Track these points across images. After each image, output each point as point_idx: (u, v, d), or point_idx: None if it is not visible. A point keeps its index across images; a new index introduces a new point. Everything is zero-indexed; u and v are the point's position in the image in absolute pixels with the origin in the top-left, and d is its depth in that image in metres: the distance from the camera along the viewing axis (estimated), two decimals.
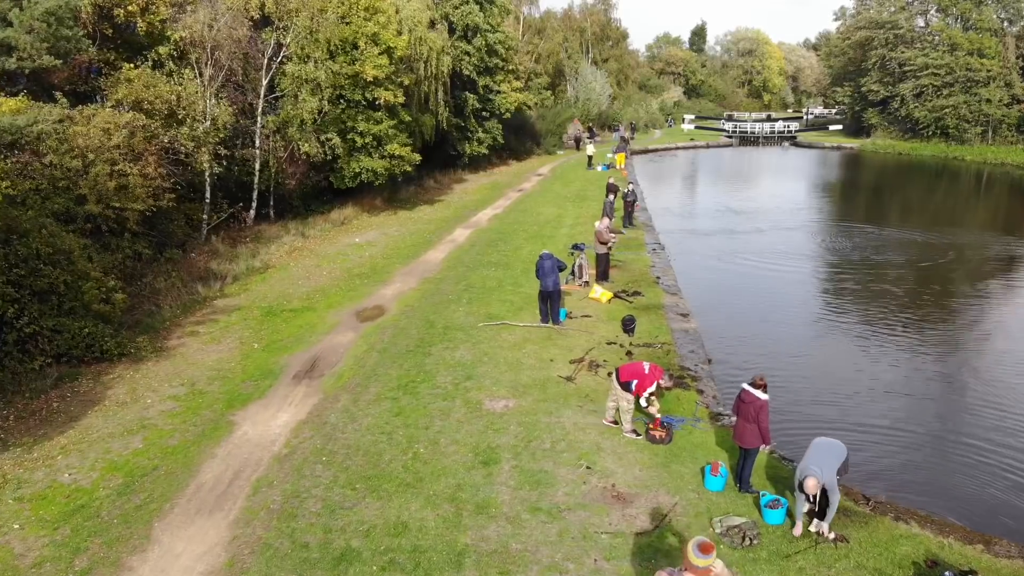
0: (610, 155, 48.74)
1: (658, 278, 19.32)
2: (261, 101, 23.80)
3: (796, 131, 74.31)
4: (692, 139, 70.18)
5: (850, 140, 66.03)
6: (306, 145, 23.69)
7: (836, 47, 78.15)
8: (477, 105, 41.25)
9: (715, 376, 13.48)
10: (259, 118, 23.76)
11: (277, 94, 24.32)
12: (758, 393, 8.89)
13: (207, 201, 21.70)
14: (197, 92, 19.70)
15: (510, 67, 44.17)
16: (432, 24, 36.65)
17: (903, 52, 61.04)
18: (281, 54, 24.02)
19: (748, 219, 32.23)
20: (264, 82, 23.80)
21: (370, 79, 26.19)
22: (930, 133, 59.62)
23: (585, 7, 75.27)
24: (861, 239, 27.49)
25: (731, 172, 54.85)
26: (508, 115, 44.21)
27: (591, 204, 31.45)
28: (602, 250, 18.55)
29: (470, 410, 11.43)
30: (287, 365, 13.65)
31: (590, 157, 45.95)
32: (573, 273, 18.72)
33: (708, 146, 68.62)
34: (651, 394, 10.40)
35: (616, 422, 10.80)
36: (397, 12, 30.67)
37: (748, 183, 47.54)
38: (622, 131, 68.93)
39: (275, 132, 24.41)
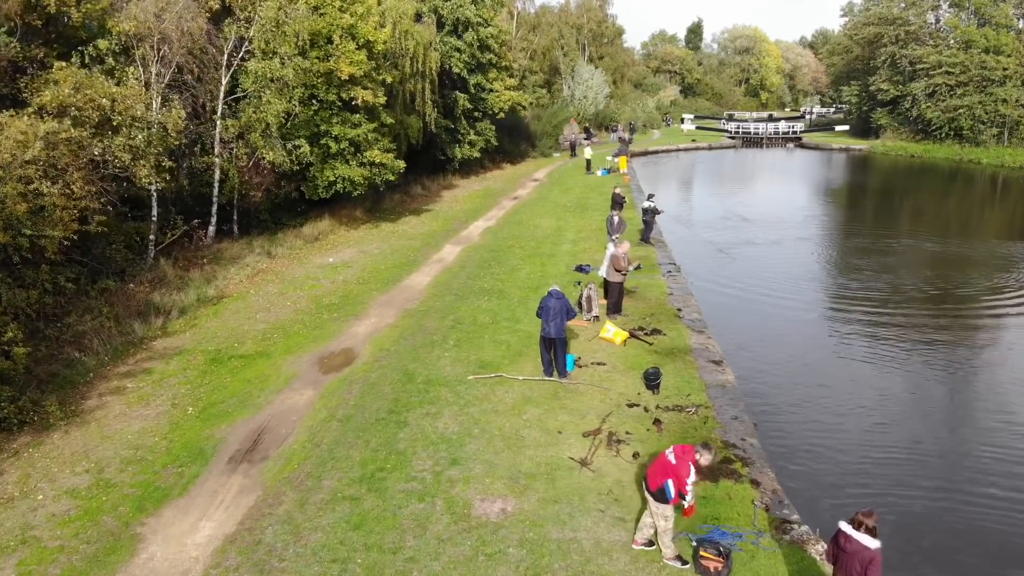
0: (610, 158, 45.91)
1: (679, 310, 16.50)
2: (220, 103, 20.86)
3: (801, 132, 71.62)
4: (693, 140, 67.46)
5: (858, 141, 63.41)
6: (270, 153, 20.75)
7: (839, 44, 75.76)
8: (468, 105, 38.37)
9: (768, 450, 10.66)
10: (218, 122, 20.81)
11: (238, 95, 21.36)
12: (865, 540, 6.08)
13: (154, 219, 18.75)
14: (138, 95, 16.74)
15: (504, 64, 41.28)
16: (418, 17, 33.79)
17: (915, 50, 58.45)
18: (243, 49, 21.06)
19: (761, 229, 29.55)
20: (223, 81, 20.85)
21: (346, 77, 23.31)
22: (943, 134, 57.03)
23: (581, 2, 72.36)
24: (895, 256, 24.77)
25: (737, 175, 52.19)
26: (502, 115, 41.32)
27: (593, 215, 28.67)
28: (616, 278, 15.72)
29: (455, 518, 8.58)
30: (224, 440, 10.76)
31: (588, 161, 43.13)
32: (580, 306, 15.87)
33: (710, 147, 65.91)
34: (694, 483, 7.63)
35: (652, 543, 7.97)
36: (379, 3, 27.80)
37: (756, 188, 44.83)
38: (621, 131, 66.16)
39: (237, 138, 21.46)
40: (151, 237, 18.69)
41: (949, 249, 25.83)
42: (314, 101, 23.48)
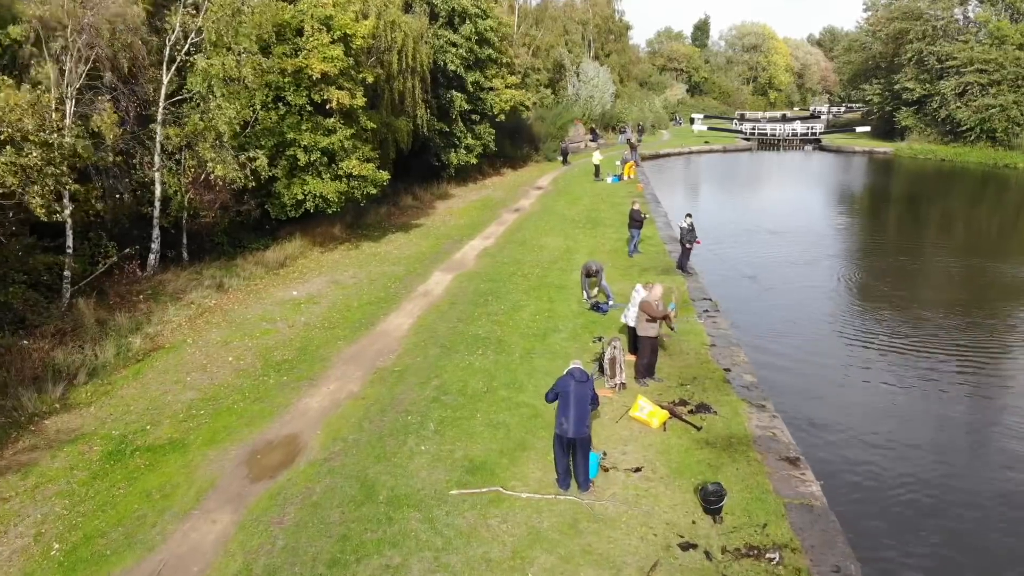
0: (619, 163, 42.16)
1: (727, 370, 12.87)
2: (161, 107, 17.24)
3: (820, 133, 67.80)
4: (706, 142, 63.73)
5: (882, 143, 59.58)
6: (219, 167, 17.13)
7: (856, 41, 72.03)
8: (465, 105, 34.67)
9: None
10: (158, 130, 17.21)
11: (183, 97, 17.72)
12: None
13: (70, 251, 15.16)
14: (33, 101, 13.13)
15: (504, 60, 37.58)
16: (408, 7, 30.20)
17: (943, 46, 54.66)
18: (189, 41, 17.42)
19: (792, 245, 26.19)
20: (165, 81, 17.24)
21: (318, 76, 19.75)
22: (974, 137, 53.22)
23: None
24: (957, 287, 21.14)
25: (757, 181, 48.63)
26: (502, 116, 37.54)
27: (606, 232, 25.08)
28: (649, 332, 12.12)
29: None
30: None
31: (597, 166, 39.46)
32: (602, 369, 12.29)
33: (725, 150, 62.24)
34: None
35: None
36: None
37: (779, 195, 41.13)
38: (628, 133, 62.51)
39: (185, 148, 17.88)
40: (66, 273, 15.08)
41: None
42: (280, 104, 19.93)
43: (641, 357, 12.36)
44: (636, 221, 21.26)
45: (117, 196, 16.72)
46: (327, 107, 20.44)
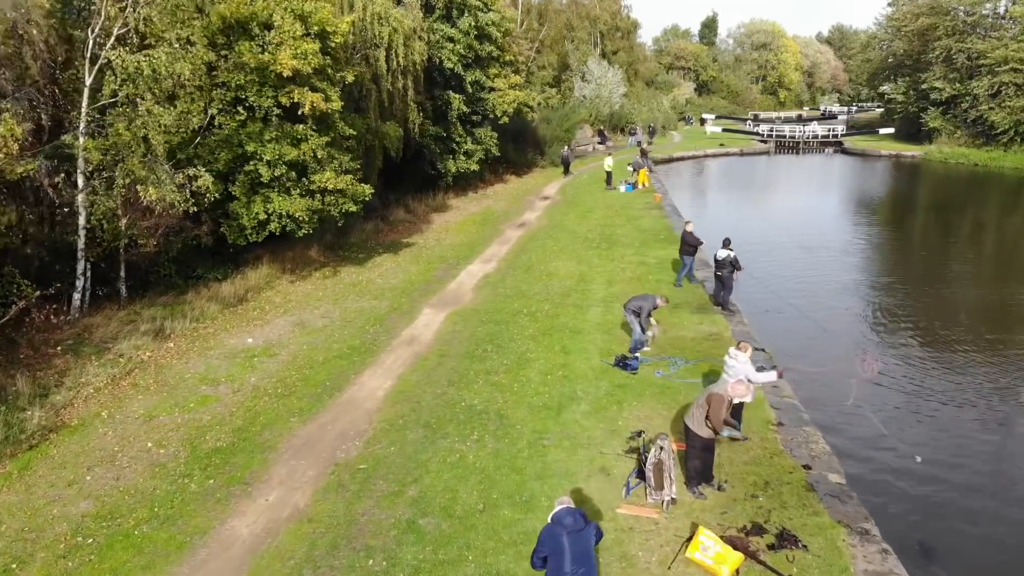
0: (629, 167, 38.82)
1: (807, 469, 9.60)
2: (84, 115, 13.98)
3: (842, 135, 64.34)
4: (721, 144, 60.35)
5: (910, 147, 56.15)
6: (153, 188, 13.85)
7: (875, 39, 68.72)
8: (464, 108, 31.36)
9: None
10: (80, 142, 13.96)
11: (109, 102, 14.40)
12: None
13: None
14: None
15: (507, 58, 34.27)
16: None
17: (975, 43, 51.27)
18: (115, 34, 14.14)
19: (826, 264, 23.24)
20: (88, 82, 13.99)
21: (288, 74, 16.53)
22: (1007, 139, 49.83)
23: None
24: None
25: (779, 188, 45.30)
26: (505, 119, 34.22)
27: (625, 253, 21.85)
28: (706, 431, 8.85)
29: None
30: None
31: (609, 173, 36.20)
32: (642, 475, 9.02)
33: (742, 153, 58.92)
34: None
35: None
36: None
37: (804, 205, 37.75)
38: (639, 135, 59.22)
39: (120, 164, 14.63)
40: None
41: None
42: (240, 108, 16.70)
43: (691, 459, 9.10)
44: (690, 246, 17.96)
45: (30, 225, 13.48)
46: (299, 112, 17.21)
